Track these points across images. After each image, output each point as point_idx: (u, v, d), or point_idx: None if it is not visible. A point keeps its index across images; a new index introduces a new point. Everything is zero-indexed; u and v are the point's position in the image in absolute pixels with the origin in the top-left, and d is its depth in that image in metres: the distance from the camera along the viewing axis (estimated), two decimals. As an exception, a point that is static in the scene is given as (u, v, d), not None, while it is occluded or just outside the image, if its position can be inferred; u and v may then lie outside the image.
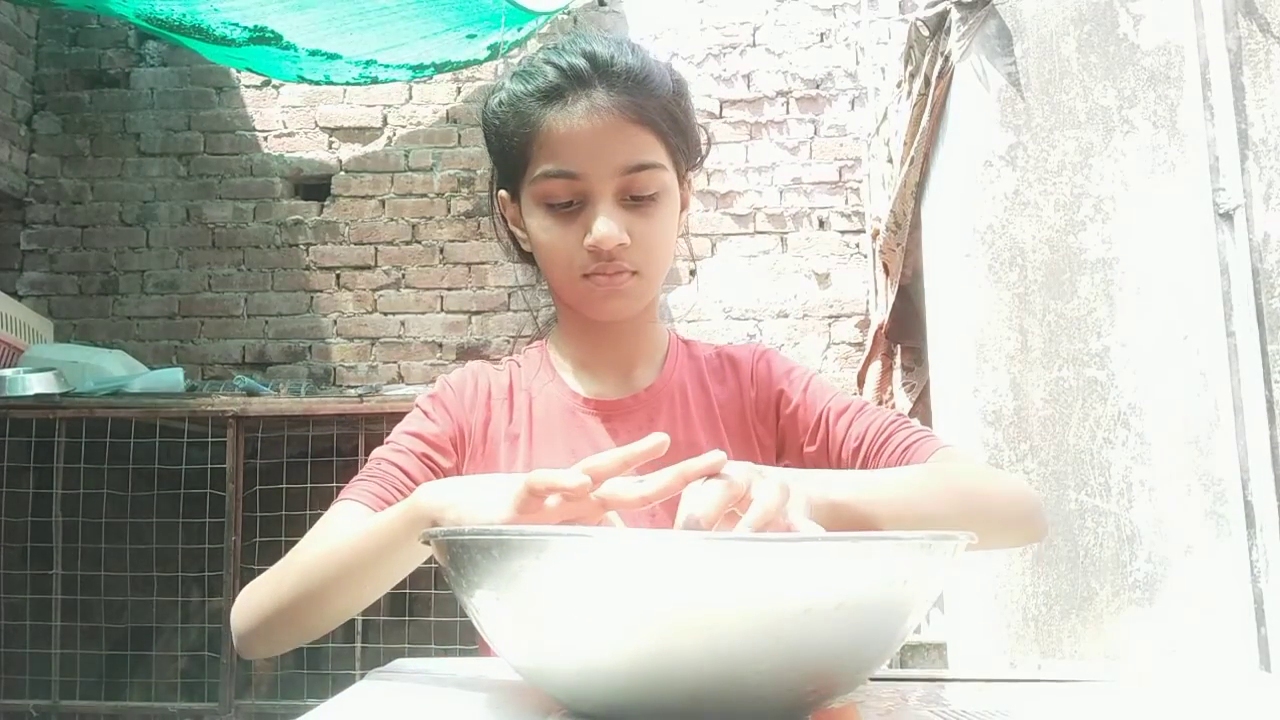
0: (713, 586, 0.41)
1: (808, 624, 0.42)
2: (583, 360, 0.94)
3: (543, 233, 0.86)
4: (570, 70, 0.83)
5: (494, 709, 0.53)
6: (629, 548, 0.42)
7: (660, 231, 0.86)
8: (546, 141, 0.83)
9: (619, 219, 0.83)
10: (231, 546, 2.53)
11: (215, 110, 3.42)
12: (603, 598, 0.42)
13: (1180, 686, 0.64)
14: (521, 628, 0.46)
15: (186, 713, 2.55)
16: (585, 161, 0.82)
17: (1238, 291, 1.97)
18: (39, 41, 3.46)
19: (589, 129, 0.82)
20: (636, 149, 0.83)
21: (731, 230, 3.27)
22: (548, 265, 0.88)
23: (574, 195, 0.84)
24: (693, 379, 0.94)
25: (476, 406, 0.91)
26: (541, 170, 0.84)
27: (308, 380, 3.19)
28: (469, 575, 0.46)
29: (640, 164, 0.83)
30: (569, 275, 0.85)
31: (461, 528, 0.48)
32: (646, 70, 0.85)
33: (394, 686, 0.61)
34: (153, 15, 2.78)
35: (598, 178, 0.83)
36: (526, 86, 0.85)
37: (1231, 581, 1.91)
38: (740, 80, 3.34)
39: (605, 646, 0.43)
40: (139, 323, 3.33)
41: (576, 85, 0.83)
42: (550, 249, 0.86)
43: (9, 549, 2.68)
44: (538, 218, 0.86)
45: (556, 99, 0.83)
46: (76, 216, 3.38)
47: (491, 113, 0.89)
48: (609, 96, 0.83)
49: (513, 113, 0.86)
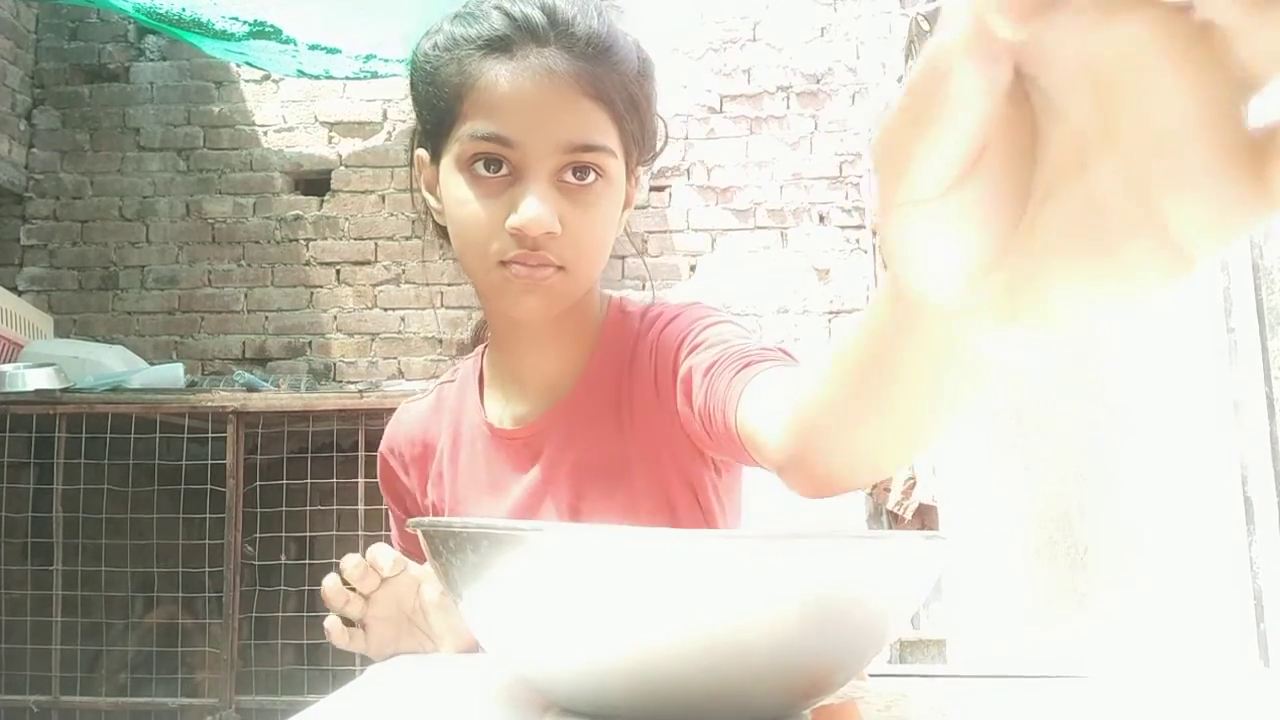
0: (703, 583, 0.41)
1: (799, 621, 0.42)
2: (506, 373, 0.83)
3: (460, 205, 0.73)
4: (523, 21, 0.72)
5: (492, 705, 0.53)
6: (617, 545, 0.42)
7: (597, 225, 0.74)
8: (482, 97, 0.71)
9: (552, 202, 0.71)
10: (232, 542, 2.53)
11: (215, 105, 3.41)
12: (592, 595, 0.42)
13: (1180, 681, 0.64)
14: (511, 627, 0.45)
15: (187, 708, 2.55)
16: (524, 128, 0.70)
17: (1237, 288, 1.97)
18: (38, 36, 3.45)
19: (534, 91, 0.70)
20: (585, 125, 0.72)
21: (731, 225, 3.27)
22: (462, 244, 0.75)
23: (505, 163, 0.71)
24: (625, 370, 0.80)
25: (410, 474, 0.87)
26: (470, 129, 0.71)
27: (308, 376, 3.19)
28: (457, 572, 0.46)
29: (587, 143, 0.71)
30: (484, 260, 0.73)
31: (450, 519, 0.48)
32: (612, 39, 0.74)
33: (394, 683, 0.61)
34: (152, 9, 2.77)
35: (535, 150, 0.71)
36: (468, 30, 0.73)
37: (1231, 577, 1.91)
38: (740, 75, 3.33)
39: (596, 645, 0.43)
40: (139, 318, 3.32)
41: (528, 39, 0.71)
42: (466, 225, 0.73)
43: (9, 544, 2.68)
44: (457, 186, 0.73)
45: (501, 50, 0.71)
46: (76, 211, 3.38)
47: (423, 55, 0.77)
48: (563, 59, 0.71)
49: (448, 58, 0.73)
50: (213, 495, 2.57)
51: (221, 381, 2.89)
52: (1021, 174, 0.26)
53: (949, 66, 0.23)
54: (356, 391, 2.69)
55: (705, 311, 0.77)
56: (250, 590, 2.64)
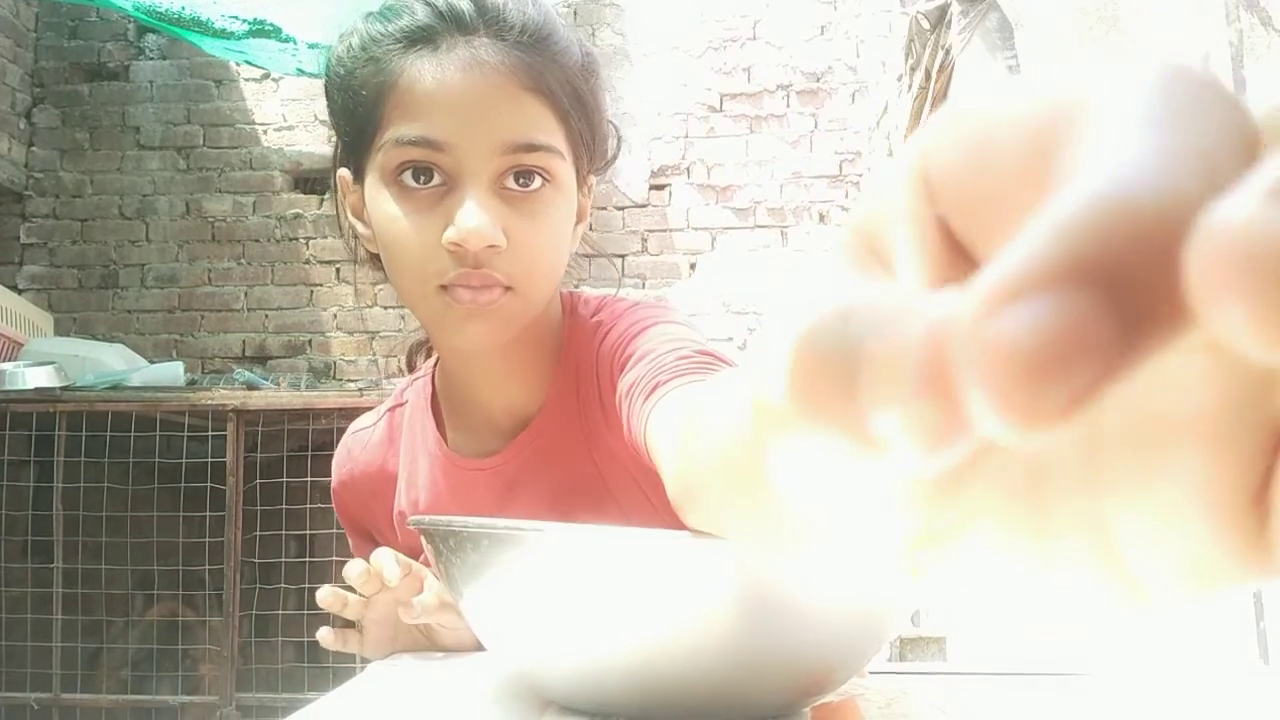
0: (701, 582, 0.41)
1: (799, 618, 0.42)
2: (462, 402, 0.75)
3: (389, 224, 0.63)
4: (447, 10, 0.63)
5: (492, 703, 0.53)
6: (616, 545, 0.42)
7: (547, 237, 0.65)
8: (405, 97, 0.62)
9: (494, 212, 0.61)
10: (232, 540, 2.53)
11: (215, 103, 3.41)
12: (592, 594, 0.42)
13: (1180, 679, 0.64)
14: (510, 625, 0.45)
15: (188, 706, 2.55)
16: (455, 128, 0.61)
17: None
18: (38, 35, 3.45)
19: (464, 86, 0.61)
20: (526, 122, 0.63)
21: (731, 224, 3.27)
22: (395, 269, 0.65)
23: (436, 171, 0.62)
24: (586, 386, 0.71)
25: (371, 507, 0.81)
26: (394, 135, 0.62)
27: (308, 374, 3.19)
28: (457, 571, 0.46)
29: (529, 142, 0.62)
30: (421, 284, 0.63)
31: (450, 519, 0.47)
32: (550, 28, 0.65)
33: (394, 680, 0.61)
34: (152, 8, 2.77)
35: (469, 153, 0.61)
36: (386, 26, 0.65)
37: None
38: (740, 73, 3.33)
39: (596, 644, 0.43)
40: (139, 316, 3.32)
41: (454, 29, 0.63)
42: (397, 246, 0.63)
43: (9, 542, 2.68)
44: (384, 203, 0.64)
45: (424, 43, 0.63)
46: (76, 210, 3.38)
47: (336, 59, 0.68)
48: (495, 49, 0.62)
49: (364, 58, 0.65)
50: (213, 493, 2.57)
51: (221, 380, 2.89)
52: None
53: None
54: (356, 390, 2.69)
55: (637, 317, 0.69)
56: (250, 588, 2.64)
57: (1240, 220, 0.11)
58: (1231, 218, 0.11)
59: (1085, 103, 0.13)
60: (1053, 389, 0.11)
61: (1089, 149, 0.13)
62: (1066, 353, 0.11)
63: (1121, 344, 0.11)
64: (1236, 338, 0.11)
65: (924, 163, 0.15)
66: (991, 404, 0.12)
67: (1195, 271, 0.11)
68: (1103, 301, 0.11)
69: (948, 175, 0.15)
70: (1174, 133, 0.12)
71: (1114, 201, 0.12)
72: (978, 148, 0.14)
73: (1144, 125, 0.12)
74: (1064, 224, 0.12)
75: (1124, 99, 0.13)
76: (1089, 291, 0.11)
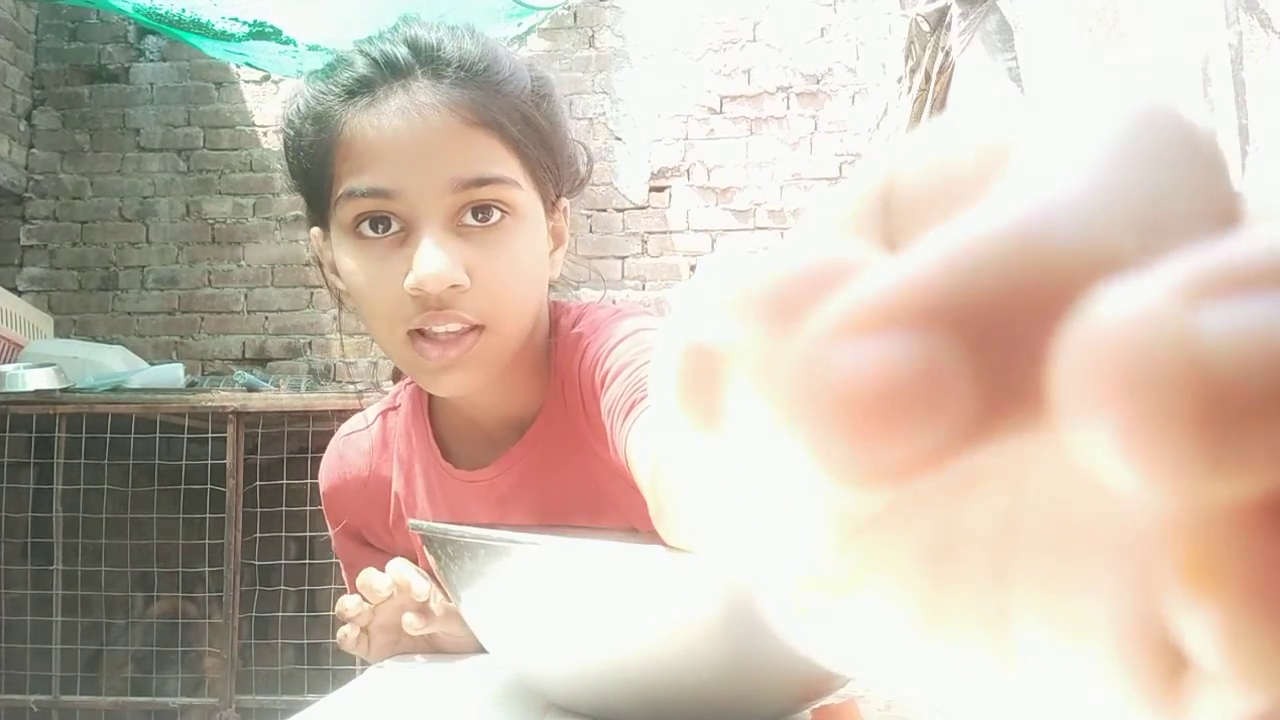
0: (696, 591, 0.41)
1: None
2: (457, 418, 0.75)
3: (353, 276, 0.64)
4: (381, 57, 0.64)
5: (491, 705, 0.53)
6: (610, 557, 0.42)
7: (512, 269, 0.64)
8: (351, 150, 0.63)
9: (454, 251, 0.61)
10: (232, 542, 2.53)
11: (215, 105, 3.41)
12: (589, 604, 0.42)
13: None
14: (507, 629, 0.46)
15: (187, 708, 2.55)
16: (401, 174, 0.61)
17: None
18: (38, 36, 3.45)
19: (405, 130, 0.61)
20: (474, 157, 0.62)
21: (731, 226, 3.27)
22: (366, 320, 0.66)
23: (393, 219, 0.62)
24: (572, 403, 0.70)
25: (365, 511, 0.80)
26: (346, 189, 0.63)
27: (308, 376, 3.19)
28: (454, 577, 0.46)
29: (479, 177, 0.62)
30: (390, 334, 0.63)
31: (448, 526, 0.47)
32: (490, 60, 0.65)
33: (393, 682, 0.61)
34: (152, 10, 2.77)
35: (421, 196, 0.61)
36: (326, 84, 0.65)
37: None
38: (740, 75, 3.33)
39: (593, 650, 0.43)
40: (139, 318, 3.32)
41: (390, 76, 0.63)
42: (363, 297, 0.64)
43: (9, 544, 2.68)
44: (347, 255, 0.64)
45: (363, 94, 0.63)
46: (76, 212, 3.38)
47: (287, 122, 0.68)
48: (435, 90, 0.63)
49: (310, 117, 0.65)
50: (213, 495, 2.56)
51: (221, 381, 2.89)
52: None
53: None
54: (356, 392, 2.69)
55: (614, 328, 0.67)
56: (250, 590, 2.64)
57: (1126, 314, 0.09)
58: (1119, 307, 0.09)
59: (1033, 138, 0.11)
60: (883, 442, 0.09)
61: (1008, 184, 0.11)
62: (904, 405, 0.09)
63: (978, 410, 0.09)
64: (1089, 455, 0.09)
65: (888, 183, 0.13)
66: (803, 441, 0.10)
67: (1059, 357, 0.09)
68: (963, 353, 0.09)
69: (907, 202, 0.13)
70: (1113, 177, 0.10)
71: (1006, 239, 0.09)
72: (942, 179, 0.12)
73: (1080, 165, 0.10)
74: (936, 256, 0.10)
75: (1076, 134, 0.11)
76: (949, 339, 0.09)
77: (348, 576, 0.85)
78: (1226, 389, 0.08)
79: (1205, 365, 0.08)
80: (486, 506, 0.73)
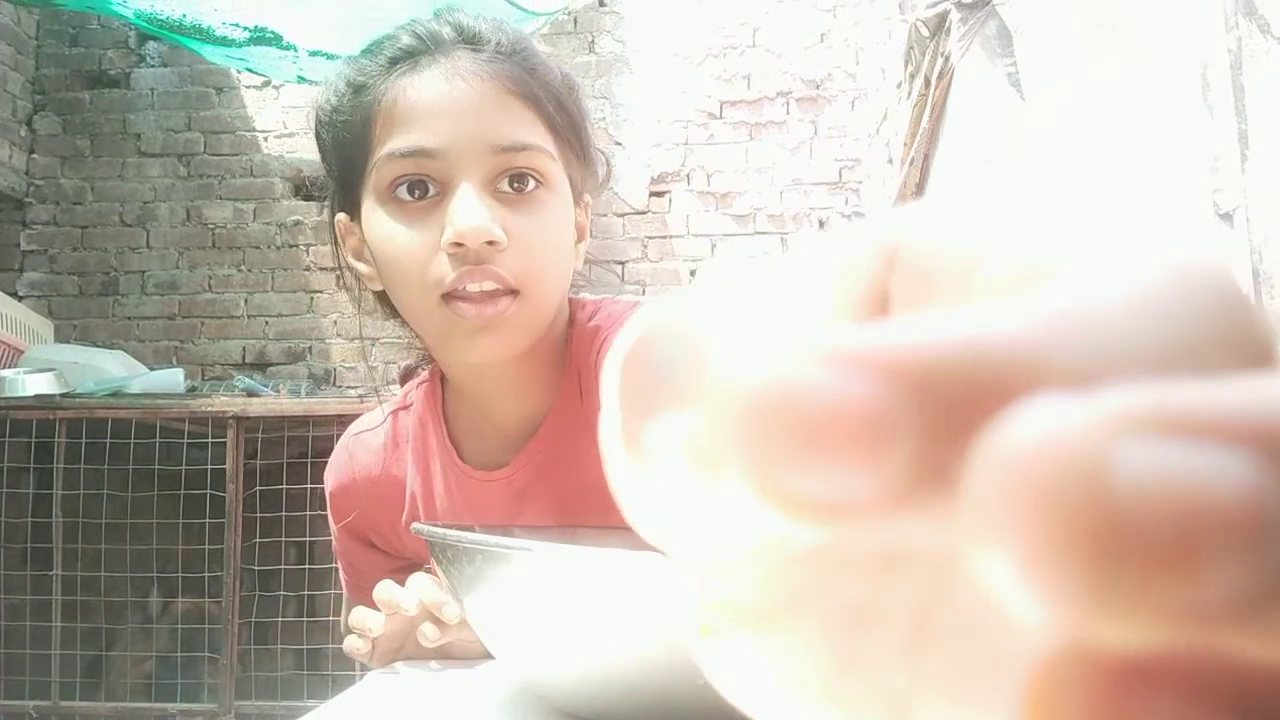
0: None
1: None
2: (472, 414, 0.74)
3: (386, 241, 0.64)
4: (427, 35, 0.66)
5: (493, 711, 0.53)
6: (607, 565, 0.42)
7: (548, 236, 0.65)
8: (394, 114, 0.64)
9: (491, 210, 0.62)
10: (231, 547, 2.53)
11: (216, 111, 3.42)
12: (591, 610, 0.42)
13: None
14: (510, 633, 0.45)
15: (186, 714, 2.54)
16: (443, 133, 0.62)
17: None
18: (39, 42, 3.46)
19: (449, 93, 0.63)
20: (513, 123, 0.64)
21: (731, 230, 3.27)
22: (397, 286, 0.66)
23: (430, 182, 0.63)
24: (589, 397, 0.70)
25: (374, 512, 0.79)
26: (386, 151, 0.63)
27: (308, 381, 3.19)
28: (456, 581, 0.46)
29: (518, 142, 0.63)
30: (423, 296, 0.63)
31: (447, 531, 0.47)
32: (526, 46, 0.68)
33: (393, 688, 0.61)
34: (153, 16, 2.78)
35: (460, 156, 0.62)
36: (368, 61, 0.67)
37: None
38: (740, 80, 3.34)
39: (595, 655, 0.43)
40: (139, 323, 3.32)
41: (434, 49, 0.65)
42: (397, 260, 0.64)
43: (8, 549, 2.68)
44: (381, 223, 0.64)
45: (407, 63, 0.65)
46: (77, 217, 3.38)
47: (324, 102, 0.69)
48: (476, 61, 0.64)
49: (350, 92, 0.67)
50: (212, 500, 2.56)
51: (221, 386, 2.89)
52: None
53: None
54: (356, 396, 2.69)
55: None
56: (250, 595, 2.64)
57: (1046, 431, 0.08)
58: (1042, 423, 0.08)
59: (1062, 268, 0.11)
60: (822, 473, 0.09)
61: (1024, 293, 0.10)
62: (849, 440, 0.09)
63: (915, 471, 0.09)
64: (979, 560, 0.09)
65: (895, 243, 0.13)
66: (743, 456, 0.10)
67: (977, 455, 0.09)
68: (912, 414, 0.09)
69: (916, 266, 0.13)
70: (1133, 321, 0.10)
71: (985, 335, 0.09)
72: (960, 263, 0.12)
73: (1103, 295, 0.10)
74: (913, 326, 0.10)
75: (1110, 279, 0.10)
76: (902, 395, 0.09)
77: (347, 580, 0.84)
78: (1127, 532, 0.08)
79: (1110, 503, 0.08)
80: (504, 503, 0.73)
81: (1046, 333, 0.09)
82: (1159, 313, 0.10)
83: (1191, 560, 0.07)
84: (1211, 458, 0.08)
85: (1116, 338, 0.09)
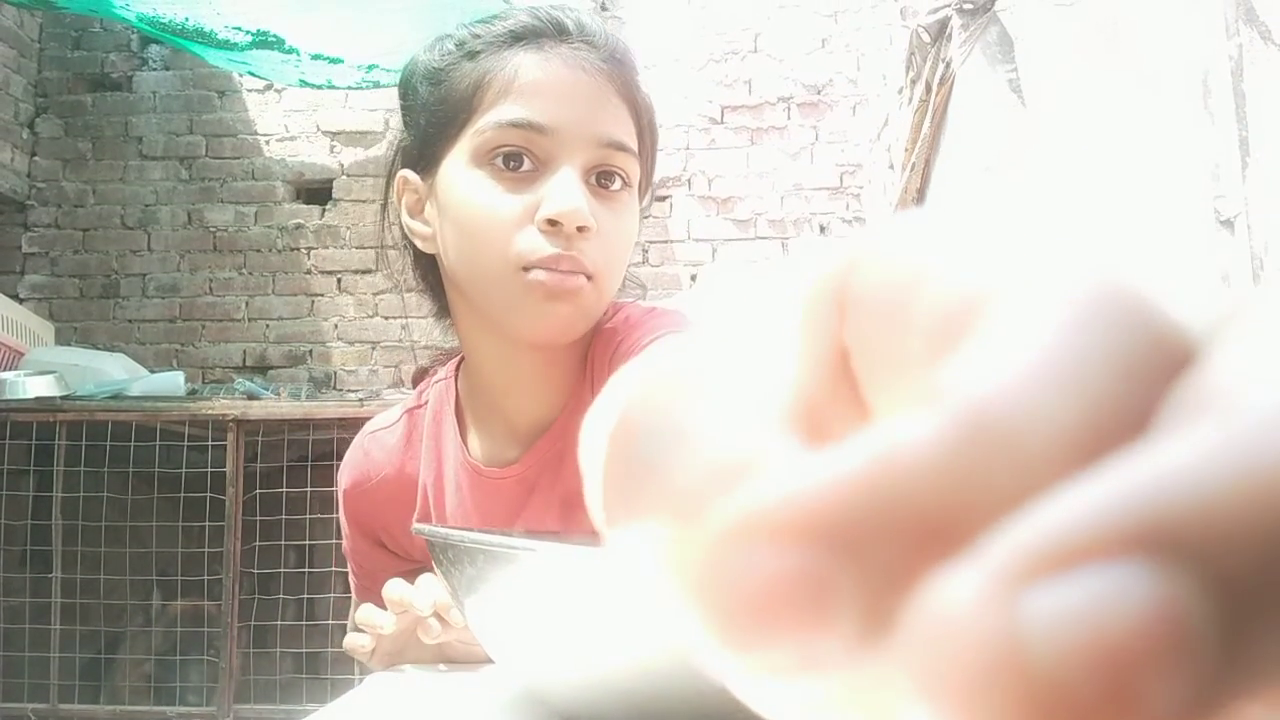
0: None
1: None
2: (488, 411, 0.75)
3: (472, 204, 0.65)
4: (548, 19, 0.69)
5: (493, 714, 0.53)
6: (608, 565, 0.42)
7: (625, 234, 0.70)
8: (510, 84, 0.65)
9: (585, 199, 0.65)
10: (231, 550, 2.53)
11: (217, 114, 3.42)
12: (591, 612, 0.42)
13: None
14: (510, 636, 0.45)
15: (185, 716, 2.54)
16: (558, 113, 0.65)
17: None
18: (41, 45, 3.46)
19: (570, 78, 0.66)
20: (619, 122, 0.67)
21: (732, 235, 3.27)
22: (474, 249, 0.66)
23: (528, 157, 0.65)
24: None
25: (386, 510, 0.79)
26: (495, 117, 0.65)
27: (308, 384, 3.19)
28: (456, 581, 0.46)
29: (619, 141, 0.67)
30: (502, 264, 0.64)
31: (448, 531, 0.47)
32: (628, 54, 0.72)
33: (393, 691, 0.60)
34: (155, 19, 2.78)
35: (570, 138, 0.65)
36: (488, 29, 0.69)
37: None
38: (741, 85, 3.34)
39: (595, 658, 0.43)
40: (140, 326, 3.33)
41: (555, 34, 0.68)
42: (483, 225, 0.65)
43: (8, 552, 2.68)
44: (472, 184, 0.65)
45: (528, 41, 0.67)
46: (78, 220, 3.38)
47: (426, 59, 0.71)
48: (594, 55, 0.68)
49: (460, 54, 0.68)
50: (212, 503, 2.56)
51: (222, 389, 2.89)
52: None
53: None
54: (357, 400, 2.69)
55: (648, 327, 0.70)
56: (249, 598, 2.63)
57: (955, 603, 0.08)
58: (951, 595, 0.08)
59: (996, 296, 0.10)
60: (767, 641, 0.09)
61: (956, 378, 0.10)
62: (787, 611, 0.09)
63: (857, 630, 0.09)
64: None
65: (841, 287, 0.12)
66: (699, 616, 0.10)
67: (906, 620, 0.08)
68: (844, 576, 0.09)
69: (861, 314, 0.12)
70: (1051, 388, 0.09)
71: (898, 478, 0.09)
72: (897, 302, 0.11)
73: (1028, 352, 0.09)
74: (834, 476, 0.09)
75: (1029, 312, 0.10)
76: (832, 560, 0.09)
77: (356, 581, 0.84)
78: (1058, 697, 0.07)
79: (1032, 672, 0.07)
80: (514, 499, 0.73)
81: (955, 453, 0.09)
82: (1075, 375, 0.09)
83: (1126, 699, 0.07)
84: (1108, 581, 0.07)
85: (1029, 431, 0.09)
